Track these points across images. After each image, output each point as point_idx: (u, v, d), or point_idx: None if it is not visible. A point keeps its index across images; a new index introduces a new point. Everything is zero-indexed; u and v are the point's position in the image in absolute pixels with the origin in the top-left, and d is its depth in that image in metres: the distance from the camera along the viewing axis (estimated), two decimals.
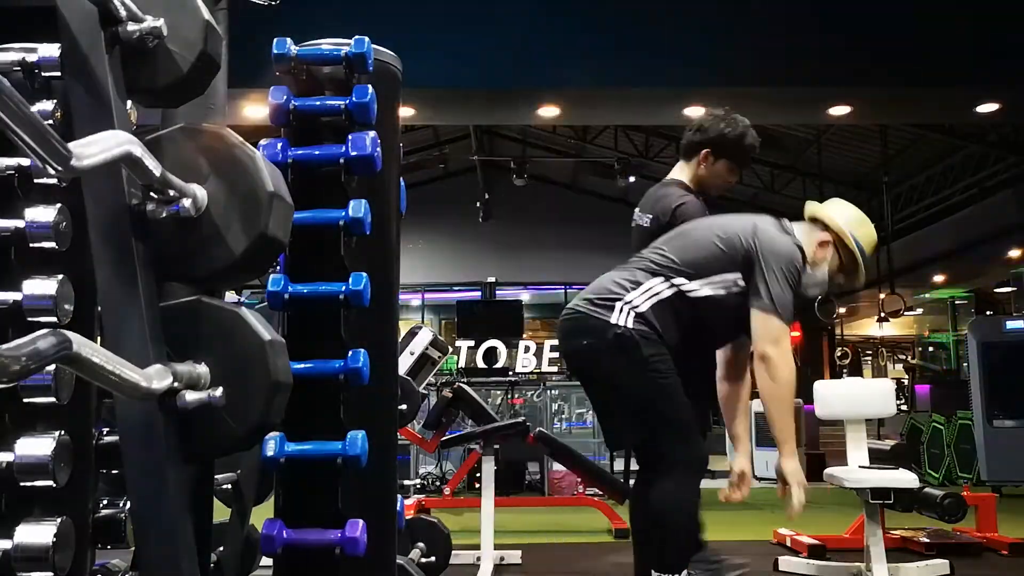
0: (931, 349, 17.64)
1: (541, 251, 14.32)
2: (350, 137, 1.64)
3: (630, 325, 2.33)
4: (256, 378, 1.29)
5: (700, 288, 2.39)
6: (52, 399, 1.29)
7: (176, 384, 1.23)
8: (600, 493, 5.59)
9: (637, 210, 3.01)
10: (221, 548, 1.66)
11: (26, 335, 0.92)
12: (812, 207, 2.68)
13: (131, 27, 1.31)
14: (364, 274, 1.62)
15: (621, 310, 2.35)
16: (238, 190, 1.30)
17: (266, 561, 1.70)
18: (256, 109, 5.95)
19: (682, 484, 2.36)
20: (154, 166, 1.21)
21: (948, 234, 11.62)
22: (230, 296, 1.74)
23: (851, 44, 6.12)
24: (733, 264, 2.40)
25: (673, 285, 2.39)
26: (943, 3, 6.13)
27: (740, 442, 2.75)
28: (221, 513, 1.61)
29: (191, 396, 1.25)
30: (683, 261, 2.42)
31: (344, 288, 1.61)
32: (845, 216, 2.61)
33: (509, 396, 7.49)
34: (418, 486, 6.51)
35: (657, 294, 2.38)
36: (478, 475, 5.51)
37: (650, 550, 2.39)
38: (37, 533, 1.25)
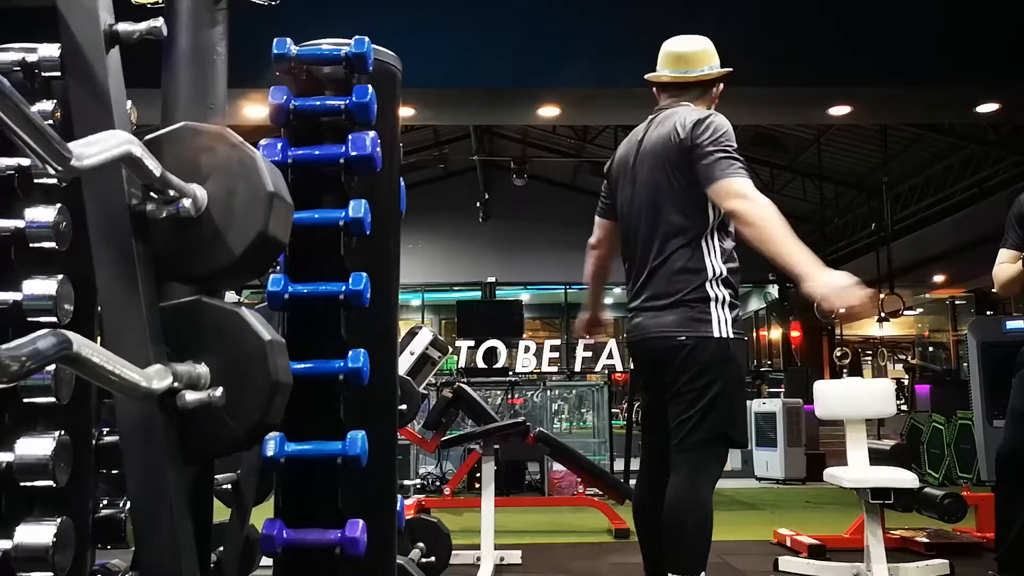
0: (931, 349, 17.65)
1: (541, 251, 14.34)
2: (350, 137, 1.64)
3: None
4: (256, 378, 1.28)
5: None
6: (52, 399, 1.29)
7: (176, 384, 1.23)
8: (600, 493, 5.60)
9: None
10: (221, 548, 1.66)
11: (26, 335, 0.92)
12: (700, 74, 2.71)
13: (131, 27, 1.31)
14: (364, 274, 1.62)
15: None
16: (238, 190, 1.30)
17: (266, 561, 1.70)
18: (256, 109, 5.95)
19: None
20: (154, 166, 1.21)
21: (948, 234, 11.62)
22: (230, 296, 1.74)
23: (851, 44, 6.12)
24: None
25: None
26: (944, 3, 6.13)
27: None
28: (221, 513, 1.61)
29: (191, 396, 1.25)
30: None
31: (344, 288, 1.61)
32: (709, 54, 2.72)
33: (509, 396, 7.49)
34: (418, 486, 6.51)
35: None
36: (478, 475, 5.51)
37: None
38: (37, 533, 1.25)
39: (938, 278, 14.51)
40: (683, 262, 2.44)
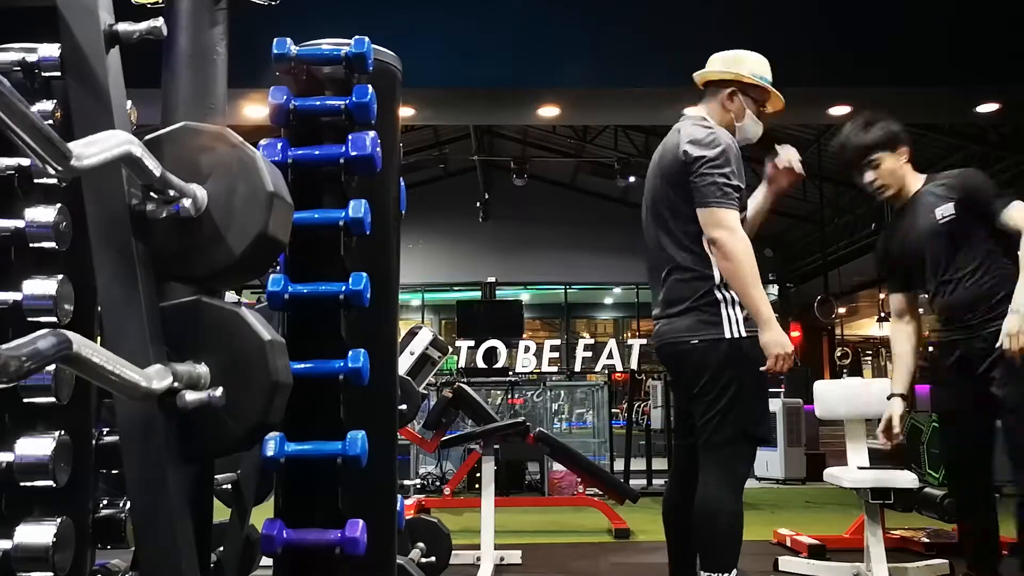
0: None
1: (541, 251, 14.35)
2: (350, 137, 1.64)
3: None
4: (256, 378, 1.29)
5: None
6: (52, 399, 1.29)
7: (176, 384, 1.23)
8: (600, 493, 5.59)
9: None
10: (221, 548, 1.66)
11: (26, 335, 0.92)
12: (698, 75, 2.69)
13: (131, 27, 1.31)
14: (364, 274, 1.62)
15: None
16: (238, 190, 1.30)
17: (266, 561, 1.70)
18: (256, 109, 5.95)
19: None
20: (154, 166, 1.21)
21: None
22: (230, 296, 1.74)
23: (851, 44, 6.12)
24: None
25: None
26: (944, 3, 6.13)
27: None
28: (221, 513, 1.61)
29: (191, 396, 1.25)
30: None
31: (344, 288, 1.61)
32: (728, 61, 2.64)
33: (509, 396, 7.49)
34: (418, 486, 6.51)
35: None
36: (478, 475, 5.52)
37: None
38: (37, 533, 1.25)
39: None
40: (691, 269, 2.49)
